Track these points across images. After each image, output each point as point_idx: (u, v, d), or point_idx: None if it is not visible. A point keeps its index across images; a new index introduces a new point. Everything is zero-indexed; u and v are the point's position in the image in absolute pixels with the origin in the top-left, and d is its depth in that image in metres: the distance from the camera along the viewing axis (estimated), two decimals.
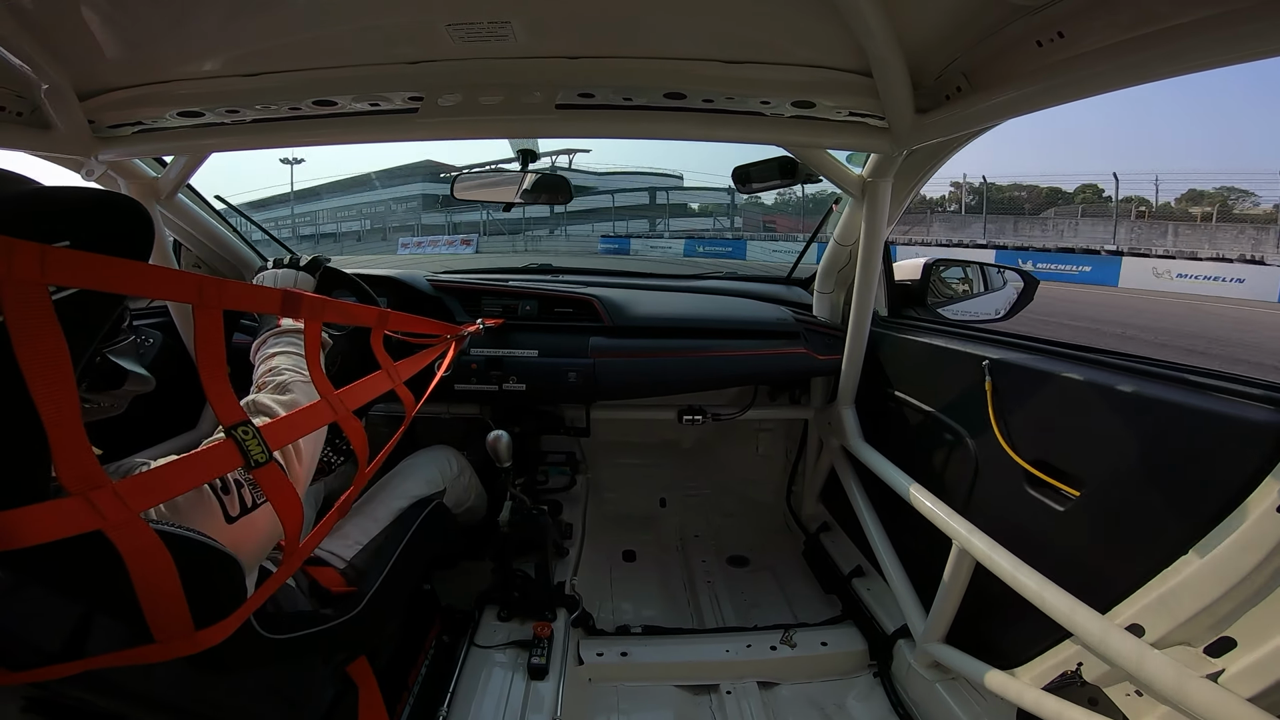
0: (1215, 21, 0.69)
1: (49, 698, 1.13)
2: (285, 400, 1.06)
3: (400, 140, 1.45)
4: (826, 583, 2.34)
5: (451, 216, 39.67)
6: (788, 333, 2.19)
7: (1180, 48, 0.74)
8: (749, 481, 2.99)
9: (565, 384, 2.10)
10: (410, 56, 1.27)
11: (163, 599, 0.65)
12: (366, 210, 43.42)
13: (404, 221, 42.06)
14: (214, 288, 0.69)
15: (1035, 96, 0.98)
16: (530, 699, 1.61)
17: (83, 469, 0.56)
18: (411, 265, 7.94)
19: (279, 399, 1.05)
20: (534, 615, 1.87)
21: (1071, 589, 1.16)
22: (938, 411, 1.76)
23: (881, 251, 1.83)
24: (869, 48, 1.10)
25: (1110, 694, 1.15)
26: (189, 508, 0.83)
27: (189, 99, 1.37)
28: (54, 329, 0.54)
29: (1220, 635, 0.96)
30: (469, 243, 36.03)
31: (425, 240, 37.61)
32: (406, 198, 42.26)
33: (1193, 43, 0.73)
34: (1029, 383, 1.42)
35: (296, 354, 1.19)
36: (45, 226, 0.58)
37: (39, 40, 1.16)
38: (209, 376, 0.73)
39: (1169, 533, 1.04)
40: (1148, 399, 1.12)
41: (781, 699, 1.82)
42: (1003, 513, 1.44)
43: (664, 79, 1.27)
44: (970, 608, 1.52)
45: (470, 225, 38.67)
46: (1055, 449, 1.33)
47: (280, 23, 1.15)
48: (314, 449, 1.07)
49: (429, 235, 38.52)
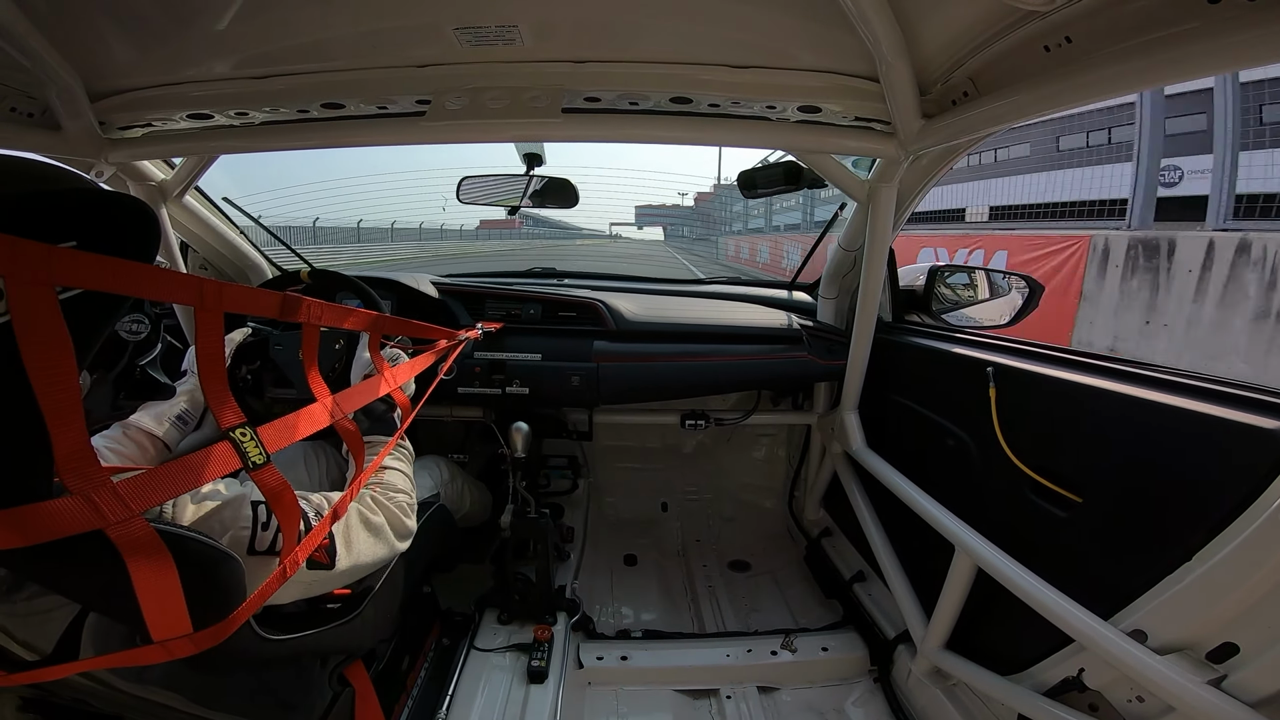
0: (1221, 27, 0.70)
1: (45, 698, 1.13)
2: (376, 522, 1.15)
3: (408, 143, 1.46)
4: (827, 588, 2.33)
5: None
6: (790, 337, 2.18)
7: (1187, 52, 0.74)
8: (750, 486, 2.98)
9: (568, 388, 2.10)
10: (418, 60, 1.28)
11: (162, 599, 0.65)
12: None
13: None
14: (214, 290, 0.70)
15: (1042, 101, 0.98)
16: (530, 702, 1.60)
17: (84, 468, 0.57)
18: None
19: (371, 517, 1.15)
20: (534, 618, 1.88)
21: (1074, 595, 1.16)
22: (941, 417, 1.76)
23: (886, 257, 1.83)
24: (875, 53, 1.10)
25: (1112, 700, 1.15)
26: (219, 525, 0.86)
27: (198, 101, 1.38)
28: (60, 329, 0.54)
29: (1224, 641, 0.95)
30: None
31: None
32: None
33: (1199, 48, 0.73)
34: (1033, 388, 1.42)
35: (407, 470, 1.34)
36: (52, 226, 0.59)
37: (50, 40, 1.17)
38: (208, 378, 0.74)
39: (1173, 539, 1.04)
40: (1152, 405, 1.12)
41: (781, 704, 1.81)
42: (1005, 518, 1.43)
43: (670, 83, 1.28)
44: (971, 613, 1.51)
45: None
46: (1059, 455, 1.33)
47: (288, 25, 1.16)
48: (371, 550, 1.12)
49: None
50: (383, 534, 1.15)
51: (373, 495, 1.19)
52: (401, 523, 1.20)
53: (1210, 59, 0.73)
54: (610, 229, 54.15)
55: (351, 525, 1.09)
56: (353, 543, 1.08)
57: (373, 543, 1.13)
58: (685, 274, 2.88)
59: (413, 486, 1.31)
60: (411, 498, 1.27)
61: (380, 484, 1.24)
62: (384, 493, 1.22)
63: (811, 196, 15.83)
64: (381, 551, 1.14)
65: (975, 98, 1.14)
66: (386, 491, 1.23)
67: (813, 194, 8.03)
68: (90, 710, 1.08)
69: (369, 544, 1.12)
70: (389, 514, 1.19)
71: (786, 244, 17.49)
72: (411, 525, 1.23)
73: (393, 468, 1.30)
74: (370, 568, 1.14)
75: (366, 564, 1.11)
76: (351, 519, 1.10)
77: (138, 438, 1.29)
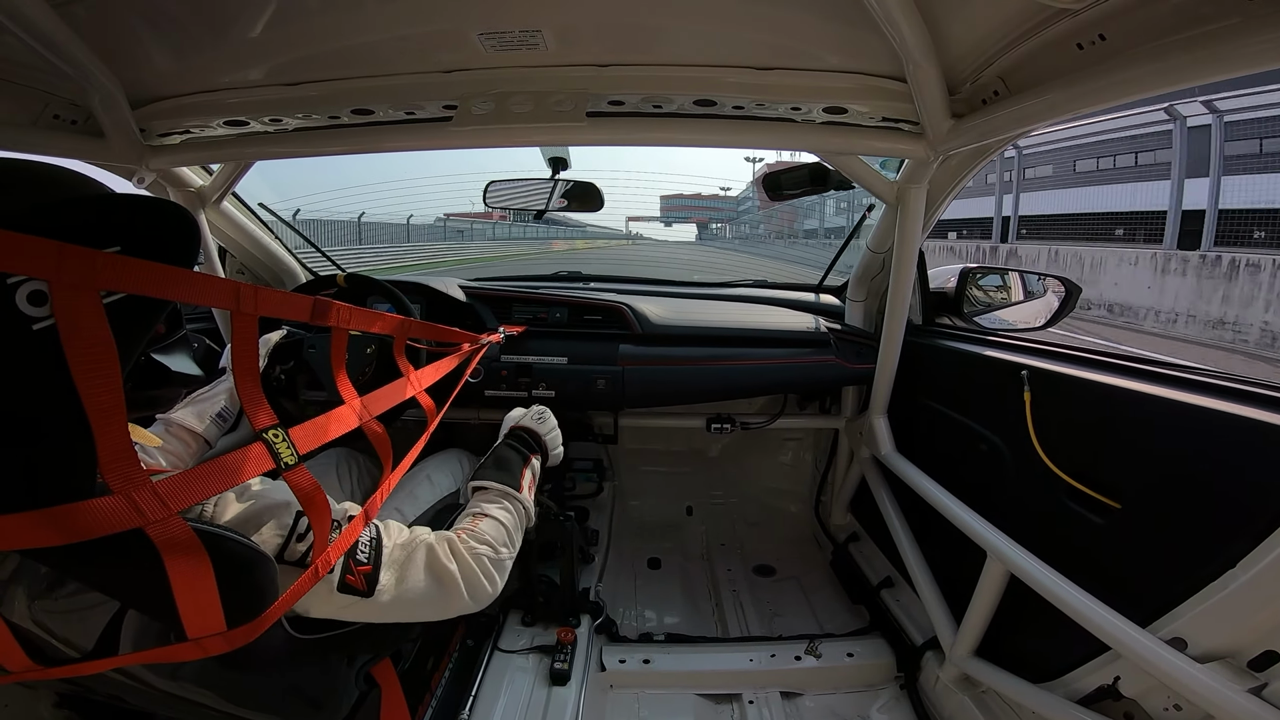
0: (1263, 22, 0.67)
1: (80, 694, 1.16)
2: (446, 569, 0.99)
3: (435, 148, 1.48)
4: (854, 593, 2.30)
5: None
6: (817, 341, 2.16)
7: (1226, 50, 0.72)
8: (776, 491, 2.96)
9: (594, 391, 2.11)
10: (444, 65, 1.30)
11: (198, 597, 0.67)
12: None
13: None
14: (250, 295, 0.72)
15: (1076, 99, 0.95)
16: (551, 704, 1.61)
17: (125, 468, 0.58)
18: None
19: (442, 560, 1.00)
20: (557, 621, 1.88)
21: (1110, 602, 1.13)
22: (973, 421, 1.72)
23: (916, 259, 1.81)
24: (902, 53, 1.09)
25: (1148, 708, 1.12)
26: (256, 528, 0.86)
27: (234, 108, 1.41)
28: (104, 332, 0.56)
29: (1265, 649, 0.93)
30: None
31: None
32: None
33: (1238, 45, 0.70)
34: (1069, 392, 1.38)
35: (511, 527, 1.15)
36: (97, 232, 0.61)
37: (92, 48, 1.20)
38: (242, 379, 0.75)
39: (1215, 546, 1.00)
40: (1193, 409, 1.09)
41: (805, 709, 1.79)
42: (1039, 524, 1.40)
43: (694, 86, 1.27)
44: (1002, 620, 1.48)
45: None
46: (1097, 460, 1.30)
47: (318, 32, 1.19)
48: (426, 596, 0.98)
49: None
50: (447, 583, 0.99)
51: (455, 539, 1.05)
52: (476, 579, 1.02)
53: (1253, 55, 0.70)
54: (628, 227, 45.13)
55: (414, 559, 0.98)
56: (406, 578, 0.96)
57: (431, 588, 0.98)
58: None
59: (512, 546, 1.13)
60: (498, 554, 1.08)
61: (471, 531, 1.09)
62: (471, 538, 1.06)
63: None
64: (438, 600, 0.99)
65: (1006, 97, 1.12)
66: (473, 538, 1.06)
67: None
68: (124, 707, 1.11)
69: (425, 587, 0.98)
70: (464, 565, 1.02)
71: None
72: (489, 588, 1.04)
73: (494, 518, 1.14)
74: (418, 613, 0.99)
75: (413, 604, 0.97)
76: (418, 554, 0.99)
77: (180, 434, 1.33)
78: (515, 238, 31.55)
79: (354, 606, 0.93)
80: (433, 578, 0.98)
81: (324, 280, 2.03)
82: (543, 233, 34.37)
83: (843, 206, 24.11)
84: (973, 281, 2.18)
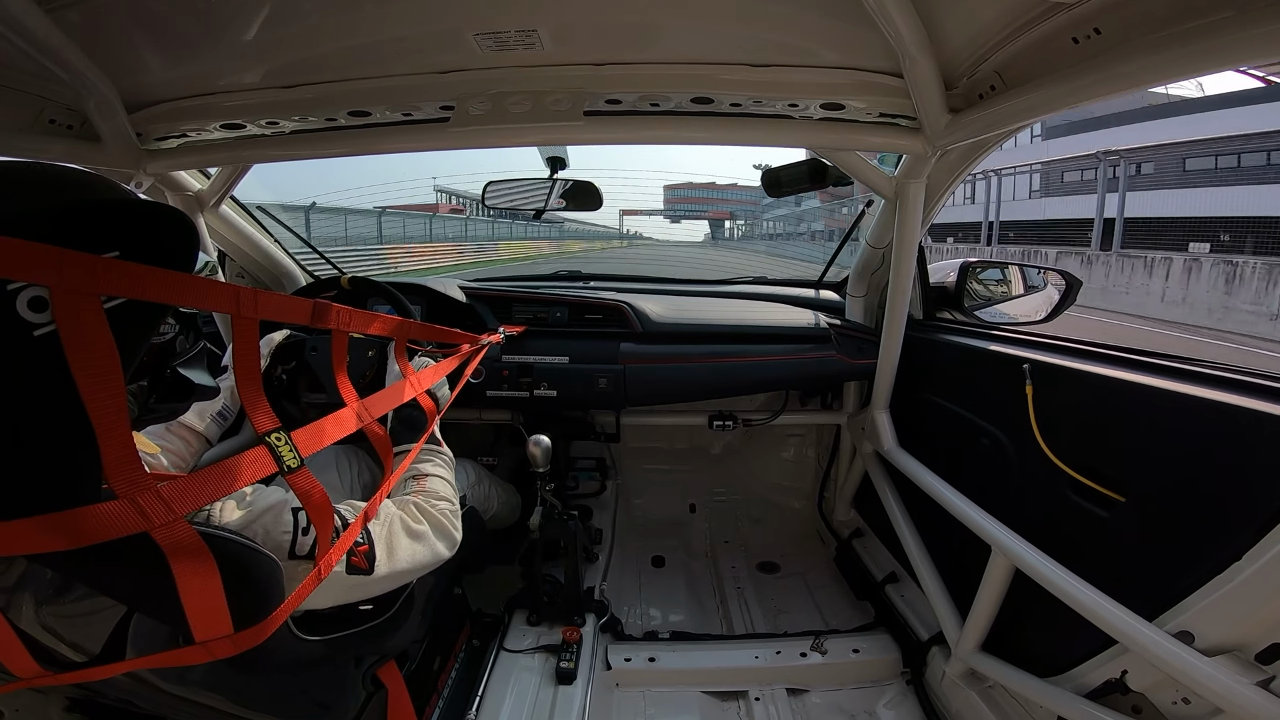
0: (1258, 16, 0.67)
1: (91, 698, 1.16)
2: (419, 530, 1.14)
3: (433, 149, 1.48)
4: (858, 589, 2.30)
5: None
6: (818, 336, 2.16)
7: (1223, 42, 0.72)
8: (779, 487, 2.96)
9: (596, 390, 2.11)
10: (440, 66, 1.29)
11: (204, 600, 0.67)
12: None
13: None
14: (250, 298, 0.72)
15: (1073, 93, 0.95)
16: (558, 703, 1.61)
17: (130, 472, 0.58)
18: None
19: (414, 525, 1.14)
20: (563, 620, 1.88)
21: (1117, 596, 1.13)
22: (975, 416, 1.72)
23: (915, 253, 1.80)
24: (898, 48, 1.08)
25: (1156, 702, 1.12)
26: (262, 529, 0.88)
27: (231, 111, 1.41)
28: (105, 337, 0.56)
29: (1274, 642, 0.92)
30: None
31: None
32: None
33: (1233, 39, 0.70)
34: (1072, 386, 1.38)
35: (450, 478, 1.34)
36: (96, 236, 0.60)
37: (86, 52, 1.20)
38: (244, 383, 0.75)
39: (1222, 538, 1.00)
40: (1197, 401, 1.08)
41: (811, 705, 1.79)
42: (1044, 518, 1.40)
43: (691, 84, 1.27)
44: (1008, 615, 1.48)
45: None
46: (1100, 453, 1.29)
47: (314, 34, 1.19)
48: (412, 556, 1.11)
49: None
50: (425, 540, 1.14)
51: (416, 503, 1.19)
52: (446, 530, 1.20)
53: (1247, 49, 0.70)
54: (623, 223, 40.27)
55: (394, 532, 1.09)
56: (394, 549, 1.07)
57: (415, 549, 1.11)
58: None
59: (455, 494, 1.31)
60: (454, 505, 1.27)
61: (424, 492, 1.24)
62: (427, 500, 1.22)
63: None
64: (424, 557, 1.13)
65: (1003, 91, 1.12)
66: (429, 499, 1.22)
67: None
68: (134, 711, 1.11)
69: (410, 550, 1.11)
70: (433, 521, 1.18)
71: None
72: (456, 534, 1.22)
73: (436, 475, 1.29)
74: (412, 574, 1.13)
75: (407, 569, 1.10)
76: (394, 525, 1.10)
77: (181, 433, 1.35)
78: (484, 237, 30.39)
79: (360, 586, 1.01)
80: (411, 539, 1.12)
81: (327, 282, 2.02)
82: (520, 232, 33.35)
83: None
84: (973, 275, 2.18)
